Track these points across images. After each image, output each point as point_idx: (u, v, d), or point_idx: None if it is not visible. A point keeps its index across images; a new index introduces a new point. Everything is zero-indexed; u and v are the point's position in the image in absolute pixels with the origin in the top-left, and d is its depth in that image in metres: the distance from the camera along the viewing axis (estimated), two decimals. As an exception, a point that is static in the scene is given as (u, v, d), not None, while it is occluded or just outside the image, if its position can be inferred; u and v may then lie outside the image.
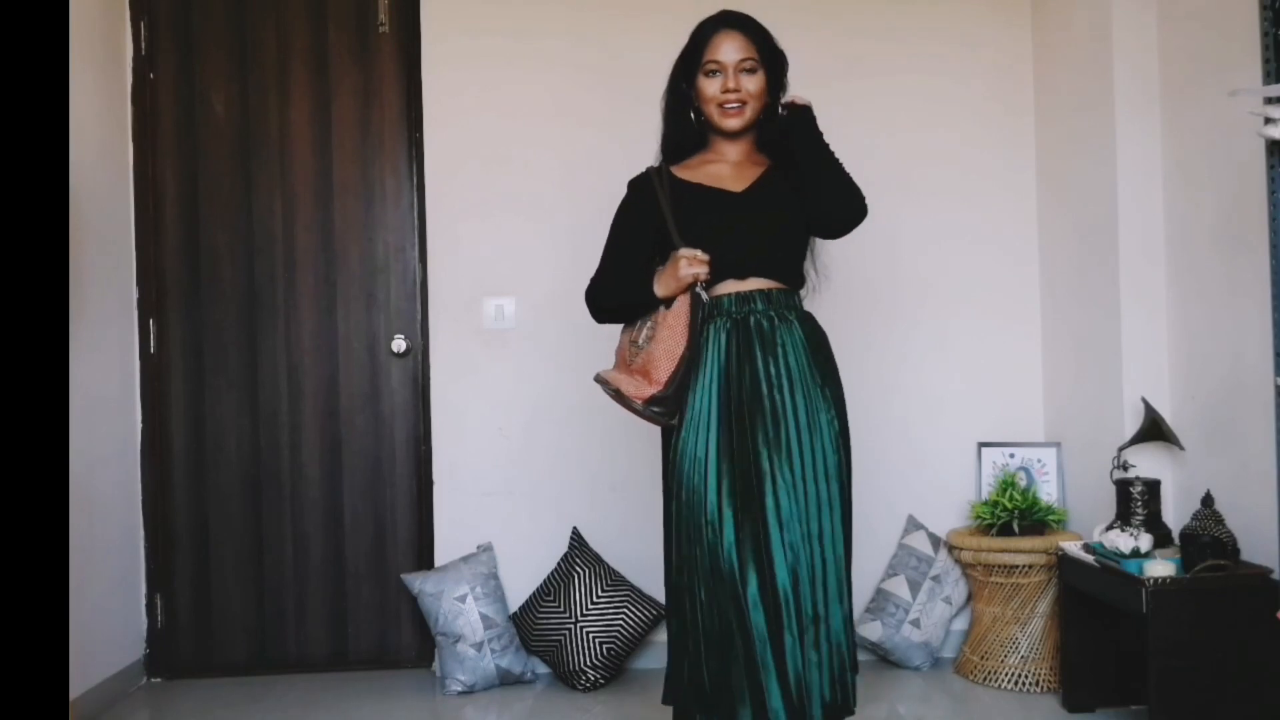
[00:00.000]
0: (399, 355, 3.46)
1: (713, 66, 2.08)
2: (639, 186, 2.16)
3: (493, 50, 3.41)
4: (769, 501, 1.98)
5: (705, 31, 2.12)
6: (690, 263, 2.01)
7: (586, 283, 2.22)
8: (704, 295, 2.03)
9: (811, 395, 2.05)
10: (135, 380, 3.40)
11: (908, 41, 3.48)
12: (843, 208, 2.10)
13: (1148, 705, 2.51)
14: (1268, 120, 2.26)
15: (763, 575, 1.97)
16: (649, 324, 2.07)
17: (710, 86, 2.09)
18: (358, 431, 3.47)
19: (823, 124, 2.17)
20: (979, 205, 3.50)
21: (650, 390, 2.01)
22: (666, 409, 2.03)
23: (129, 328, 3.38)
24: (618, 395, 2.06)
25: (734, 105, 2.09)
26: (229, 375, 3.45)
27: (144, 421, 3.41)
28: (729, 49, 2.08)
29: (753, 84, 2.09)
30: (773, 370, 2.03)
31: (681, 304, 2.03)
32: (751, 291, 2.07)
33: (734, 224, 2.07)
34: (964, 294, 3.49)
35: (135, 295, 3.41)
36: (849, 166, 2.18)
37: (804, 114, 2.13)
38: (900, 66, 3.48)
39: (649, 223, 2.11)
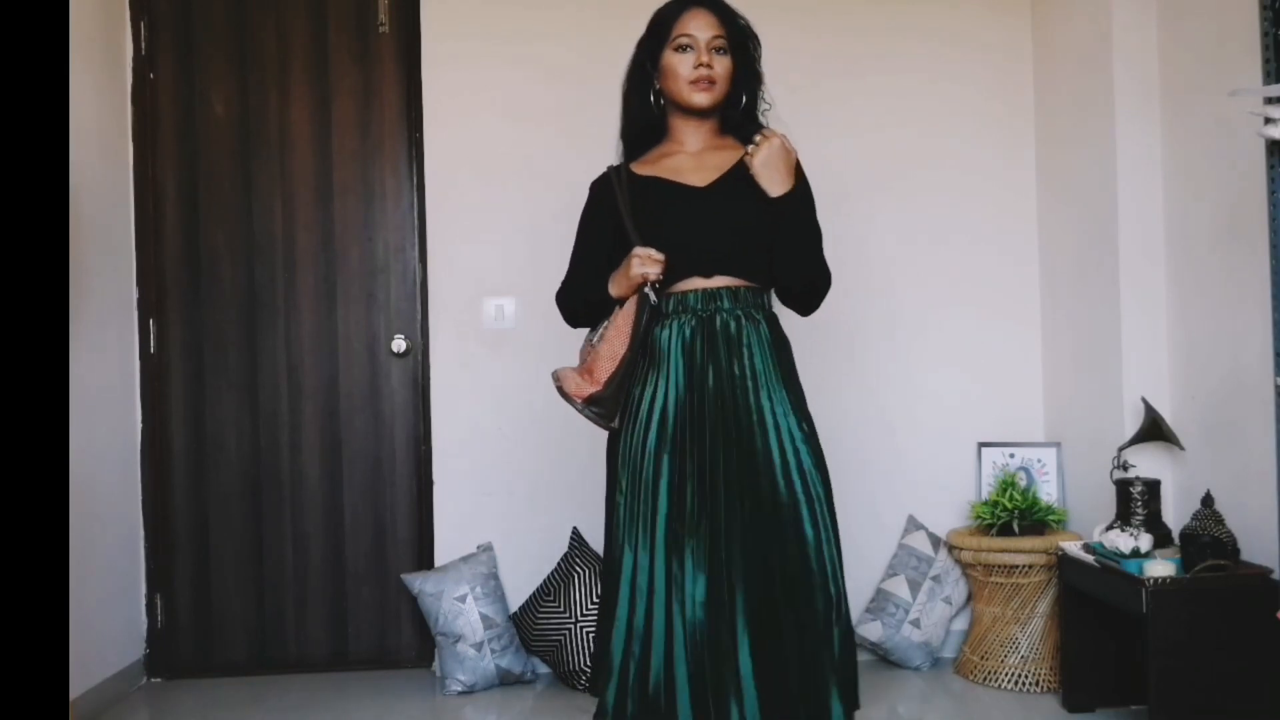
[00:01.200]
0: (399, 355, 3.46)
1: (684, 41, 2.01)
2: (599, 187, 2.13)
3: (493, 51, 3.41)
4: (728, 504, 1.90)
5: (675, 8, 2.05)
6: (642, 261, 1.96)
7: None
8: (652, 297, 1.97)
9: (776, 397, 1.97)
10: (135, 380, 3.40)
11: (907, 41, 3.48)
12: (809, 291, 2.04)
13: (1148, 705, 2.51)
14: (1268, 120, 2.26)
15: (695, 579, 1.89)
16: (605, 324, 2.03)
17: (681, 63, 2.01)
18: (358, 431, 3.46)
19: (822, 123, 2.14)
20: (979, 205, 3.50)
21: (590, 389, 1.99)
22: (605, 409, 2.00)
23: (129, 328, 3.38)
24: (561, 392, 2.04)
25: (705, 82, 2.00)
26: (229, 375, 3.45)
27: (144, 421, 3.41)
28: (701, 24, 2.01)
29: (722, 65, 2.02)
30: (737, 370, 1.96)
31: (630, 305, 1.98)
32: (718, 289, 1.99)
33: (697, 220, 2.00)
34: (964, 294, 3.49)
35: (135, 295, 3.41)
36: (849, 166, 2.16)
37: (791, 200, 1.98)
38: (899, 66, 3.48)
39: (609, 223, 2.07)
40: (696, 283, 2.00)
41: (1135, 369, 2.98)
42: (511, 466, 3.41)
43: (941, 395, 3.47)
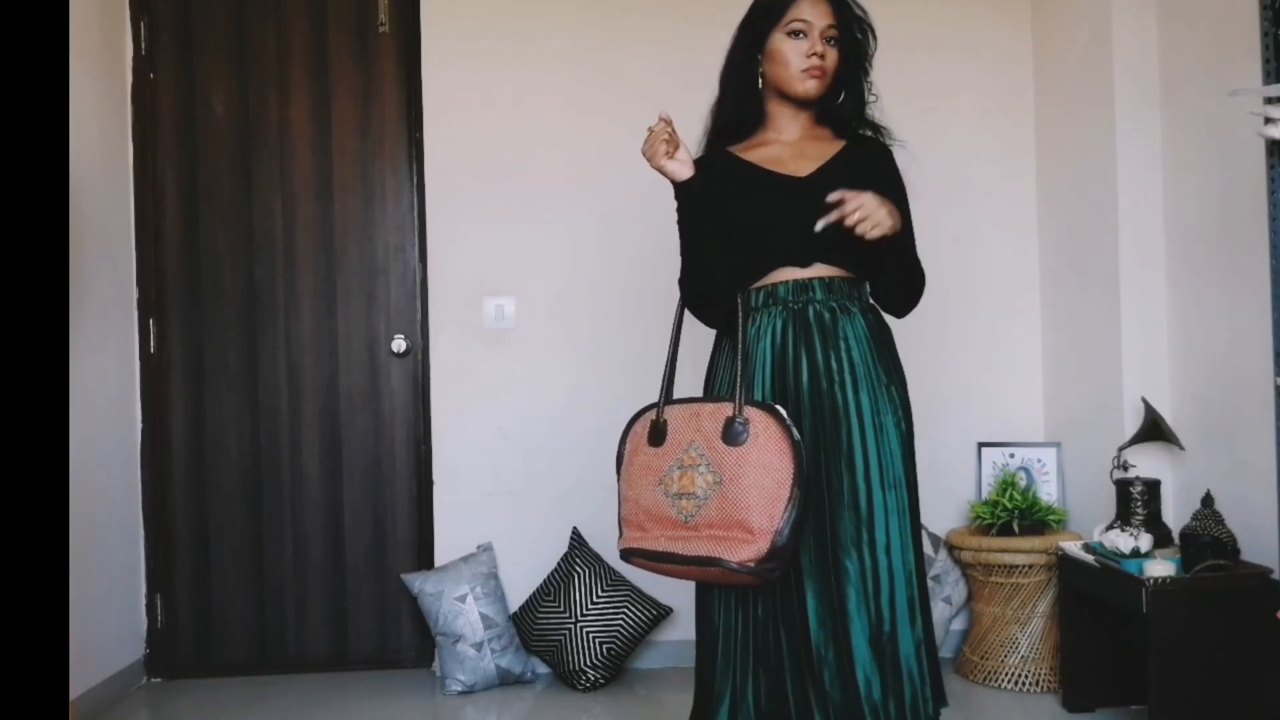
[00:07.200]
0: (399, 355, 3.46)
1: (799, 26, 1.90)
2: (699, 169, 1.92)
3: (493, 50, 3.41)
4: (826, 512, 1.80)
5: None
6: (660, 131, 1.80)
7: (590, 282, 2.17)
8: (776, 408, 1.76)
9: (877, 394, 1.86)
10: (135, 380, 3.40)
11: (907, 42, 3.47)
12: (900, 289, 1.98)
13: (1148, 705, 2.51)
14: (1268, 120, 2.26)
15: (798, 590, 1.80)
16: (692, 449, 1.79)
17: (793, 49, 1.90)
18: (358, 431, 3.46)
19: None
20: (979, 205, 3.50)
21: (760, 543, 1.67)
22: (782, 562, 1.71)
23: (129, 328, 3.38)
24: (630, 553, 1.83)
25: (817, 70, 1.91)
26: (229, 375, 3.45)
27: (144, 421, 3.41)
28: (819, 11, 1.91)
29: (832, 56, 1.93)
30: (834, 365, 1.84)
31: (766, 425, 1.73)
32: (811, 279, 1.89)
33: (794, 208, 1.86)
34: (964, 294, 3.48)
35: (135, 295, 3.41)
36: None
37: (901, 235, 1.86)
38: (898, 68, 3.45)
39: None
40: (790, 273, 1.89)
41: (1135, 369, 2.98)
42: (511, 466, 3.41)
43: (941, 395, 3.46)
